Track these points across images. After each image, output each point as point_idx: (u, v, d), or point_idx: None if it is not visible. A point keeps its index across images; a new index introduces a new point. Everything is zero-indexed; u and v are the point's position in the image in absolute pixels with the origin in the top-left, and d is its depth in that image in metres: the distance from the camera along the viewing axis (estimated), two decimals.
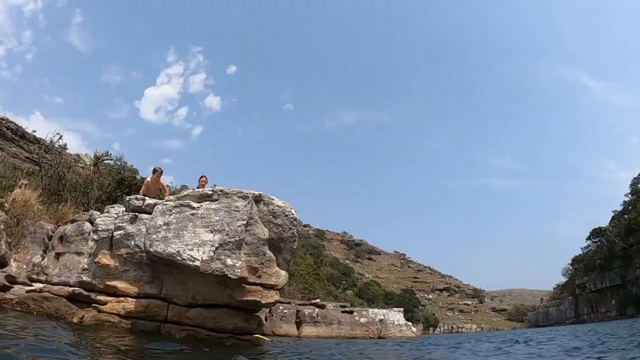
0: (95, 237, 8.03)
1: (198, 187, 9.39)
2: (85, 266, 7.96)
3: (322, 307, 17.72)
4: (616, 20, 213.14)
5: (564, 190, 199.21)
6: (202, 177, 9.95)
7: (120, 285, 7.56)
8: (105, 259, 7.73)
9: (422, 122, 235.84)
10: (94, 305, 7.57)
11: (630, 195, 50.81)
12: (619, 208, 53.06)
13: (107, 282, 7.63)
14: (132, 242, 7.64)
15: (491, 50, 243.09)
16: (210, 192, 7.48)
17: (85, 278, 7.80)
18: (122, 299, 7.52)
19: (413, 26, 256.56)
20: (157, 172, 9.90)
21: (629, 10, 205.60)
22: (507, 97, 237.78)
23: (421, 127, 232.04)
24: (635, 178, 50.54)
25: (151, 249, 6.90)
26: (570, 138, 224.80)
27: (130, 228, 7.76)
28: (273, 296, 7.28)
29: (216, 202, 7.29)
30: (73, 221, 8.71)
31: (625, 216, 47.27)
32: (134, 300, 7.46)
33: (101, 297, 7.61)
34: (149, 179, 10.17)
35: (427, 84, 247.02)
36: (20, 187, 9.99)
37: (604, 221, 55.47)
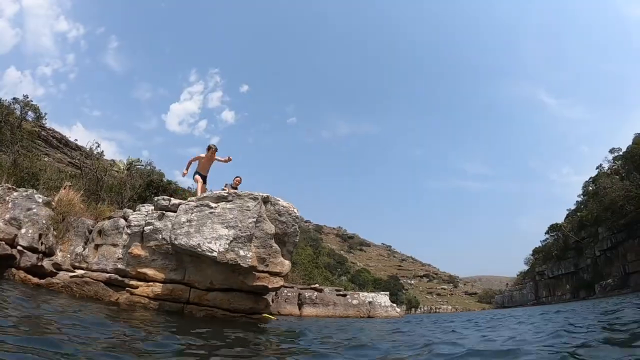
0: (128, 231, 8.08)
1: (233, 185, 9.06)
2: (120, 256, 8.00)
3: (320, 290, 17.66)
4: (570, 46, 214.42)
5: (525, 190, 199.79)
6: (236, 177, 9.37)
7: (149, 272, 7.60)
8: (137, 249, 7.78)
9: (406, 132, 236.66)
10: (127, 289, 7.61)
11: (582, 196, 50.86)
12: (573, 207, 53.05)
13: (138, 270, 7.68)
14: (160, 235, 7.69)
15: (465, 71, 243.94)
16: (226, 194, 7.54)
17: (120, 266, 7.85)
18: (151, 283, 7.56)
19: (399, 51, 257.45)
20: (211, 150, 8.96)
21: (581, 36, 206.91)
22: (478, 111, 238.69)
23: (405, 137, 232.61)
24: (586, 182, 50.46)
25: (176, 242, 6.97)
26: (530, 146, 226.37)
27: (158, 224, 7.82)
28: (278, 282, 7.33)
29: (231, 202, 7.35)
30: (109, 218, 8.74)
31: (578, 214, 47.44)
32: (161, 284, 7.50)
33: (133, 282, 7.65)
34: (202, 155, 8.99)
35: (411, 99, 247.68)
36: (64, 188, 9.96)
37: (559, 218, 55.49)
